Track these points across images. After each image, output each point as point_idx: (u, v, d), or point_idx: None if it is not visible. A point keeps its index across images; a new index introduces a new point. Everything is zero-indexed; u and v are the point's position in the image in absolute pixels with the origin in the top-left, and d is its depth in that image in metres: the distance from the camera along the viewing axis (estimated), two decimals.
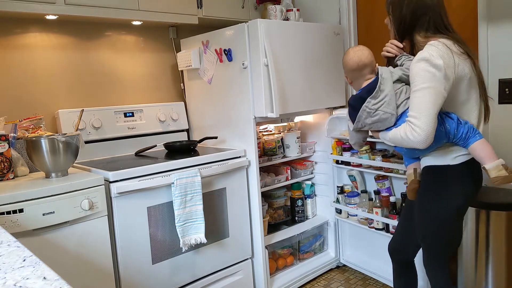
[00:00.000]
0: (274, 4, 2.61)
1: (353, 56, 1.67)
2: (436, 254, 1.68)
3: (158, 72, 2.66)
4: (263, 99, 2.17)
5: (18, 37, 2.12)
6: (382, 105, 1.56)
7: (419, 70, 1.47)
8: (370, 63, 1.66)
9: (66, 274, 1.63)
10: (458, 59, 1.51)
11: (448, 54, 1.48)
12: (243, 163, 2.25)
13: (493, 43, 2.12)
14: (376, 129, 1.63)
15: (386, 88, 1.57)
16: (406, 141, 1.49)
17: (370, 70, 1.66)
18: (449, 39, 1.55)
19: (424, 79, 1.45)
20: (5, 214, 1.49)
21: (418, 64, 1.48)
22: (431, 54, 1.46)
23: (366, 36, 2.76)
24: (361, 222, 2.57)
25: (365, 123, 1.61)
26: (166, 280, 1.97)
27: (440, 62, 1.45)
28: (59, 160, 1.76)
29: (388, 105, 1.56)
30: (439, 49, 1.48)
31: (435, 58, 1.45)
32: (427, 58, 1.46)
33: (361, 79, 1.68)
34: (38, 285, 0.73)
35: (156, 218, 1.92)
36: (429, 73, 1.45)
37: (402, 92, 1.59)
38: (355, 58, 1.66)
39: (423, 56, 1.47)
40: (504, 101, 2.11)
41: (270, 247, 2.42)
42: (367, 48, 1.70)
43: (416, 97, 1.47)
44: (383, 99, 1.56)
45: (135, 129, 2.42)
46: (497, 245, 1.93)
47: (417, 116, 1.45)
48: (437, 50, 1.47)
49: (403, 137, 1.49)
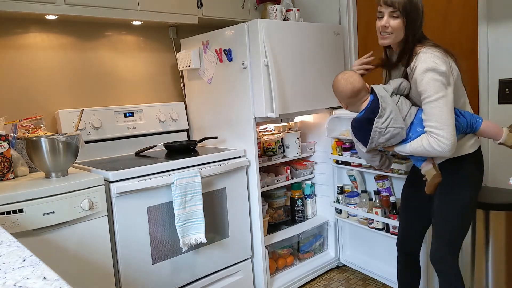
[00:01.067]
0: (274, 4, 2.61)
1: (346, 84, 1.71)
2: (456, 247, 1.70)
3: (158, 72, 2.66)
4: (263, 99, 2.17)
5: (18, 37, 2.12)
6: (390, 121, 1.61)
7: (429, 80, 1.51)
8: (363, 86, 1.71)
9: (66, 274, 1.63)
10: (450, 61, 1.56)
11: (445, 59, 1.54)
12: (243, 163, 2.24)
13: (493, 43, 2.12)
14: (390, 145, 1.68)
15: (388, 106, 1.62)
16: (433, 152, 1.54)
17: (365, 93, 1.71)
18: (434, 44, 1.60)
19: (436, 89, 1.50)
20: (5, 214, 1.49)
21: (426, 75, 1.52)
22: (435, 62, 1.51)
23: (366, 36, 2.76)
24: (361, 222, 2.56)
25: (379, 142, 1.66)
26: (166, 280, 1.97)
27: (445, 68, 1.50)
28: (59, 160, 1.76)
29: (395, 120, 1.60)
30: (439, 56, 1.53)
31: (440, 66, 1.50)
32: (433, 67, 1.51)
33: (357, 102, 1.72)
34: (38, 285, 0.73)
35: (156, 218, 1.92)
36: (438, 81, 1.50)
37: (402, 104, 1.64)
38: (349, 86, 1.70)
39: (429, 66, 1.51)
40: (504, 101, 2.11)
41: (270, 247, 2.42)
42: (355, 72, 1.76)
43: (433, 108, 1.52)
44: (389, 116, 1.61)
45: (135, 129, 2.42)
46: (497, 245, 1.93)
47: (439, 127, 1.50)
48: (438, 57, 1.52)
49: (428, 149, 1.54)
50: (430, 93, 1.51)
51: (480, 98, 2.19)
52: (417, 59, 1.57)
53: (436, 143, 1.51)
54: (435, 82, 1.50)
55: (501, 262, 1.93)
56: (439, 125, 1.50)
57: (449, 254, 1.69)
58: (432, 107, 1.52)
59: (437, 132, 1.51)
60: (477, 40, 2.18)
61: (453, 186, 1.66)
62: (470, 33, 2.24)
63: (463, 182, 1.66)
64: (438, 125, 1.51)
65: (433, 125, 1.52)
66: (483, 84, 2.17)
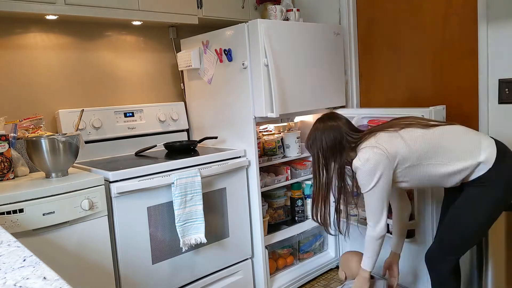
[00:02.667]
0: (274, 4, 2.61)
1: None
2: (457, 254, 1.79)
3: (158, 72, 2.66)
4: (263, 99, 2.17)
5: (18, 37, 2.12)
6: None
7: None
8: None
9: (66, 274, 1.62)
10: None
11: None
12: (243, 163, 2.24)
13: (493, 43, 2.12)
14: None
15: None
16: (368, 240, 1.86)
17: None
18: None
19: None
20: (5, 214, 1.49)
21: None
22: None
23: (366, 36, 2.76)
24: (361, 222, 2.56)
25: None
26: (166, 280, 1.97)
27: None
28: (59, 160, 1.76)
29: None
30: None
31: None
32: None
33: None
34: (38, 285, 0.73)
35: (156, 218, 1.92)
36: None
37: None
38: None
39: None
40: (504, 101, 2.11)
41: (270, 247, 2.42)
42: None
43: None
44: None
45: (135, 129, 2.42)
46: (497, 245, 1.93)
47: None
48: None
49: (367, 240, 1.86)
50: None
51: (480, 98, 2.19)
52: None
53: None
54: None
55: (501, 262, 1.93)
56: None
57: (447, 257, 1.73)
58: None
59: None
60: (477, 40, 2.18)
61: (473, 204, 1.68)
62: (470, 33, 2.24)
63: (481, 201, 1.66)
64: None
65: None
66: (483, 84, 2.17)
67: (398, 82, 2.63)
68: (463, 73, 2.31)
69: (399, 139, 1.69)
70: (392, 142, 1.69)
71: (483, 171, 1.62)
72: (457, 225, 1.70)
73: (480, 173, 1.63)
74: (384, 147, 1.67)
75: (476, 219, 1.66)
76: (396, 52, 2.61)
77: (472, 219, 1.66)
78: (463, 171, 1.64)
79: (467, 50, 2.27)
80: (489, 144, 1.65)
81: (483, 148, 1.63)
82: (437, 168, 1.67)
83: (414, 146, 1.67)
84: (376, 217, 1.75)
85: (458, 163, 1.64)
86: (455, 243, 1.73)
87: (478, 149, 1.63)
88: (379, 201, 1.72)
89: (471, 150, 1.64)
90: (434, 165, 1.67)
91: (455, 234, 1.71)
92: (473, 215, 1.66)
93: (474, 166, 1.63)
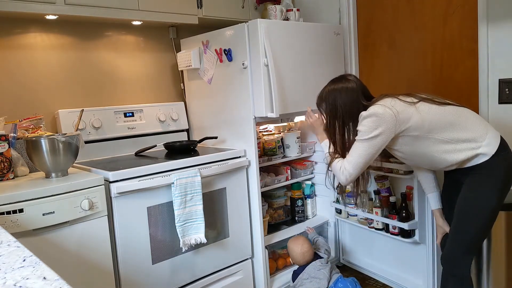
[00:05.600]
0: (274, 4, 2.61)
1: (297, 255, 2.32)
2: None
3: (158, 72, 2.66)
4: (263, 99, 2.17)
5: (18, 37, 2.12)
6: None
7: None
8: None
9: (66, 274, 1.63)
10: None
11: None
12: (243, 163, 2.24)
13: (493, 43, 2.12)
14: None
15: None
16: (336, 174, 1.88)
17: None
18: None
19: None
20: (5, 214, 1.49)
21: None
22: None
23: (366, 36, 2.76)
24: (361, 222, 2.56)
25: None
26: (166, 280, 1.97)
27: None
28: (59, 160, 1.76)
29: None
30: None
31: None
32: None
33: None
34: (38, 285, 0.72)
35: (156, 218, 1.92)
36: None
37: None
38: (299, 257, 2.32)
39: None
40: (504, 101, 2.11)
41: (270, 247, 2.42)
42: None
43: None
44: None
45: (135, 129, 2.42)
46: (497, 245, 1.93)
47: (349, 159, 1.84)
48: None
49: (335, 171, 1.88)
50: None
51: (480, 98, 2.19)
52: None
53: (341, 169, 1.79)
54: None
55: (501, 262, 1.93)
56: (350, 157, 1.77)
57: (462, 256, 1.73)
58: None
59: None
60: (477, 40, 2.18)
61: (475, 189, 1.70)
62: (470, 33, 2.24)
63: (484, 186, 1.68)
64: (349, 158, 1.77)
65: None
66: (483, 84, 2.17)
67: (398, 82, 2.63)
68: (463, 73, 2.31)
69: (414, 108, 1.70)
70: (406, 110, 1.70)
71: (483, 159, 1.65)
72: (468, 217, 1.70)
73: (480, 160, 1.66)
74: (396, 110, 1.68)
75: (485, 203, 1.67)
76: (396, 52, 2.61)
77: (481, 205, 1.67)
78: (463, 152, 1.67)
79: (467, 50, 2.27)
80: (495, 135, 1.68)
81: (488, 137, 1.66)
82: (439, 145, 1.69)
83: (428, 117, 1.68)
84: (353, 166, 1.75)
85: (462, 144, 1.67)
86: (470, 236, 1.71)
87: (484, 137, 1.66)
88: (365, 155, 1.72)
89: (477, 136, 1.66)
90: (439, 141, 1.69)
91: (469, 225, 1.70)
92: (480, 202, 1.67)
93: (475, 152, 1.65)
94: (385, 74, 2.69)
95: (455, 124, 1.68)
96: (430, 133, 1.69)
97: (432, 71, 2.46)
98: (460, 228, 1.73)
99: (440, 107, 1.71)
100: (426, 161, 1.77)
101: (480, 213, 1.67)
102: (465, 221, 1.71)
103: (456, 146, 1.68)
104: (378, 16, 2.68)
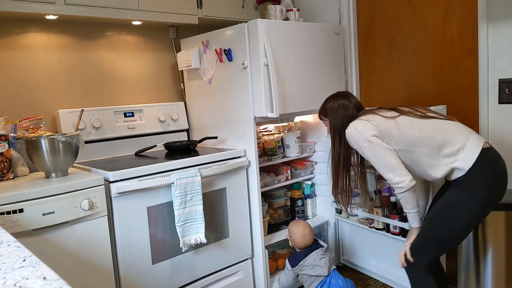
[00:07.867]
0: (274, 4, 2.61)
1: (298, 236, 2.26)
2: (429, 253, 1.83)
3: (158, 72, 2.66)
4: (263, 99, 2.17)
5: (18, 37, 2.12)
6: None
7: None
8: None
9: (66, 274, 1.63)
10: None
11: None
12: (243, 163, 2.24)
13: (493, 43, 2.12)
14: None
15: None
16: (399, 196, 1.80)
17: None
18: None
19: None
20: (5, 214, 1.49)
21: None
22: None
23: (366, 36, 2.76)
24: (362, 222, 2.56)
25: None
26: (166, 280, 1.97)
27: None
28: (59, 160, 1.76)
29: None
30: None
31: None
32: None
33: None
34: (38, 285, 0.72)
35: (156, 218, 1.92)
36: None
37: None
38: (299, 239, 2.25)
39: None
40: (504, 101, 2.11)
41: (270, 247, 2.42)
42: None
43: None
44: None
45: (135, 129, 2.42)
46: (497, 245, 1.93)
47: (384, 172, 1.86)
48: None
49: (399, 198, 1.81)
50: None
51: (480, 98, 2.19)
52: None
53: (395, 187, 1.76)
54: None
55: (501, 262, 1.93)
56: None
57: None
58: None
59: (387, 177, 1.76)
60: (477, 40, 2.18)
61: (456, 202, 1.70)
62: (470, 33, 2.24)
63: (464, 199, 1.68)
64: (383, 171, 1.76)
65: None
66: (483, 84, 2.17)
67: (398, 82, 2.63)
68: (463, 73, 2.31)
69: (393, 122, 1.75)
70: (385, 122, 1.75)
71: (460, 174, 1.66)
72: (431, 227, 1.74)
73: (458, 174, 1.67)
74: (376, 123, 1.75)
75: (460, 218, 1.68)
76: (396, 52, 2.61)
77: (447, 224, 1.69)
78: (443, 168, 1.68)
79: (467, 50, 2.27)
80: (474, 148, 1.65)
81: (465, 151, 1.65)
82: (424, 158, 1.71)
83: (409, 130, 1.72)
84: (393, 171, 1.73)
85: (443, 159, 1.69)
86: (429, 244, 1.75)
87: (462, 150, 1.66)
88: (386, 156, 1.73)
89: (454, 150, 1.67)
90: (422, 155, 1.71)
91: (433, 230, 1.74)
92: (447, 221, 1.69)
93: (450, 166, 1.67)
94: (385, 74, 2.69)
95: (436, 138, 1.69)
96: (412, 147, 1.71)
97: (432, 71, 2.46)
98: (425, 227, 1.78)
99: (422, 120, 1.74)
100: (421, 172, 1.78)
101: (450, 226, 1.69)
102: (432, 225, 1.74)
103: (438, 161, 1.69)
104: (378, 16, 2.68)
